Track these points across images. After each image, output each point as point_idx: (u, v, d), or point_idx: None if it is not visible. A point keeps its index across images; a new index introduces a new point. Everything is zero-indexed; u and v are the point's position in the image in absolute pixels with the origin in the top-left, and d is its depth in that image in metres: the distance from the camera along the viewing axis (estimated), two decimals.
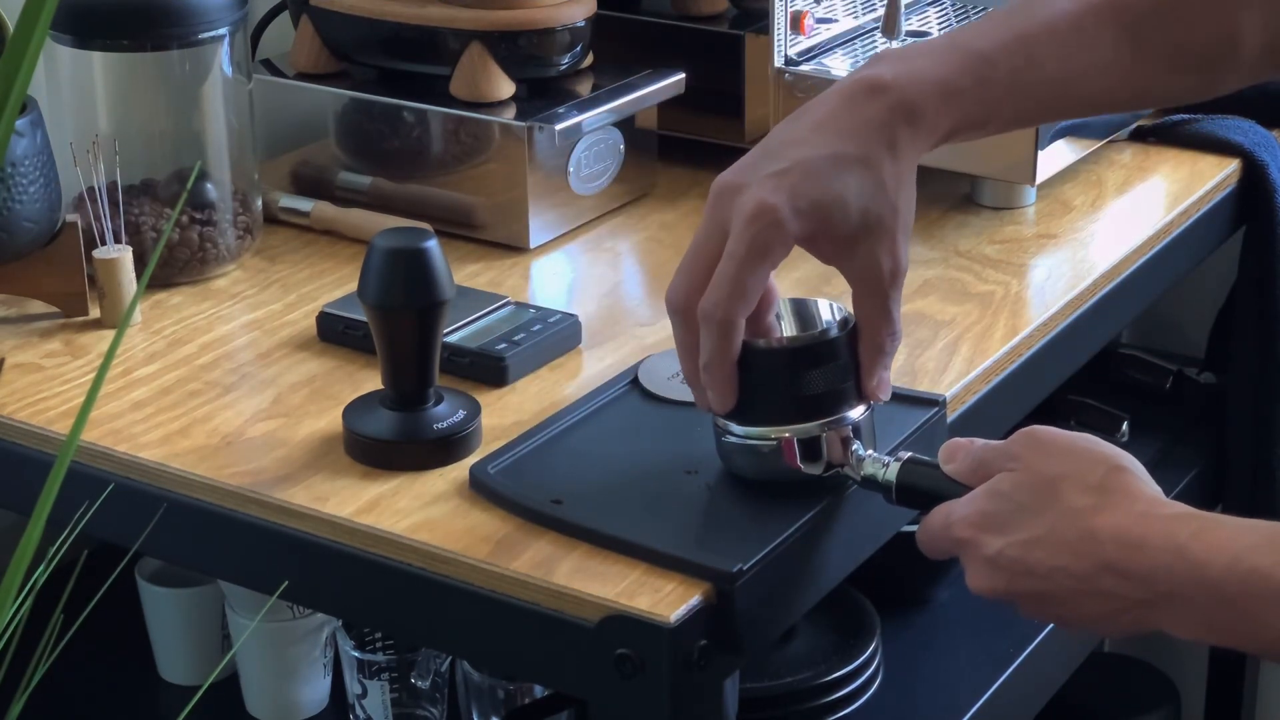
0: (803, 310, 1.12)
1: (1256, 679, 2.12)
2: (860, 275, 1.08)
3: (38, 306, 1.37)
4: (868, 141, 1.07)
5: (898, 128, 1.08)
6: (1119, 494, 1.01)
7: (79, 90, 1.41)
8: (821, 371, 1.08)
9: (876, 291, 1.08)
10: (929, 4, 1.72)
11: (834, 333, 1.08)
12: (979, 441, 1.07)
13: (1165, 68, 1.18)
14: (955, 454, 1.07)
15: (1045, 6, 1.14)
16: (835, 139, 1.07)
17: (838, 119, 1.08)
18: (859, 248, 1.07)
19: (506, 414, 1.22)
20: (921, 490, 1.08)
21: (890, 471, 1.08)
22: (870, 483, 1.09)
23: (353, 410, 1.18)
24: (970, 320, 1.35)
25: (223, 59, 1.41)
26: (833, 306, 1.11)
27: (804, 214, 1.05)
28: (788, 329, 1.12)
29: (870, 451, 1.09)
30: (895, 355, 1.10)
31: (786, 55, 1.57)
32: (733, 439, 1.09)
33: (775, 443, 1.08)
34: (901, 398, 1.21)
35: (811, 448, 1.08)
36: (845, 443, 1.08)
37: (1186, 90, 1.24)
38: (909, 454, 1.09)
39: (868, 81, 1.09)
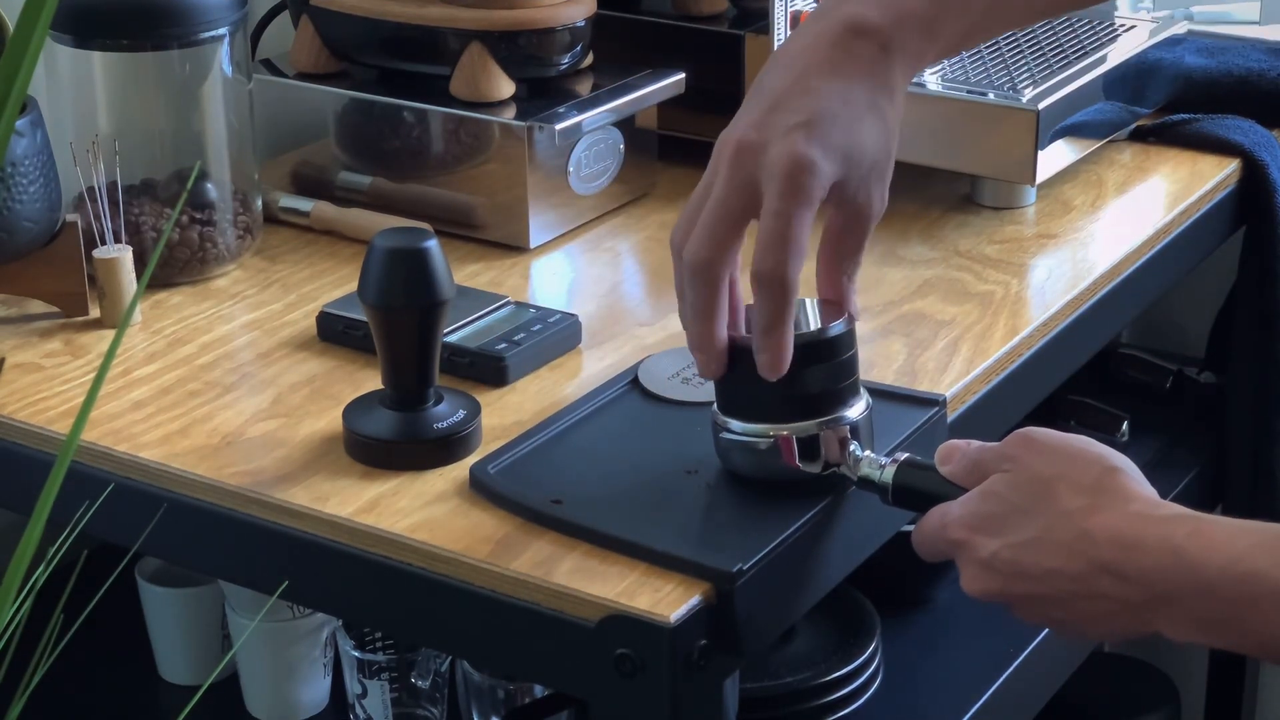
0: (802, 309, 1.12)
1: (1257, 679, 2.12)
2: (850, 214, 1.09)
3: (38, 306, 1.37)
4: (870, 87, 1.07)
5: (892, 70, 1.08)
6: (1114, 495, 1.00)
7: (79, 90, 1.41)
8: (821, 370, 1.08)
9: (858, 231, 1.09)
10: None
11: (834, 331, 1.08)
12: (975, 443, 1.07)
13: None
14: (951, 456, 1.07)
15: None
16: (841, 87, 1.06)
17: (835, 65, 1.07)
18: (861, 189, 1.08)
19: (506, 414, 1.22)
20: (918, 491, 1.08)
21: (887, 473, 1.08)
22: (867, 483, 1.09)
23: (353, 410, 1.18)
24: (970, 320, 1.35)
25: (223, 59, 1.41)
26: (831, 306, 1.11)
27: (835, 164, 1.05)
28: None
29: (868, 452, 1.09)
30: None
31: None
32: (731, 436, 1.09)
33: (773, 440, 1.08)
34: (901, 397, 1.22)
35: (809, 446, 1.08)
36: (843, 443, 1.08)
37: None
38: (906, 455, 1.09)
39: (854, 24, 1.08)
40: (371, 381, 1.24)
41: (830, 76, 1.07)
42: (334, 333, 1.31)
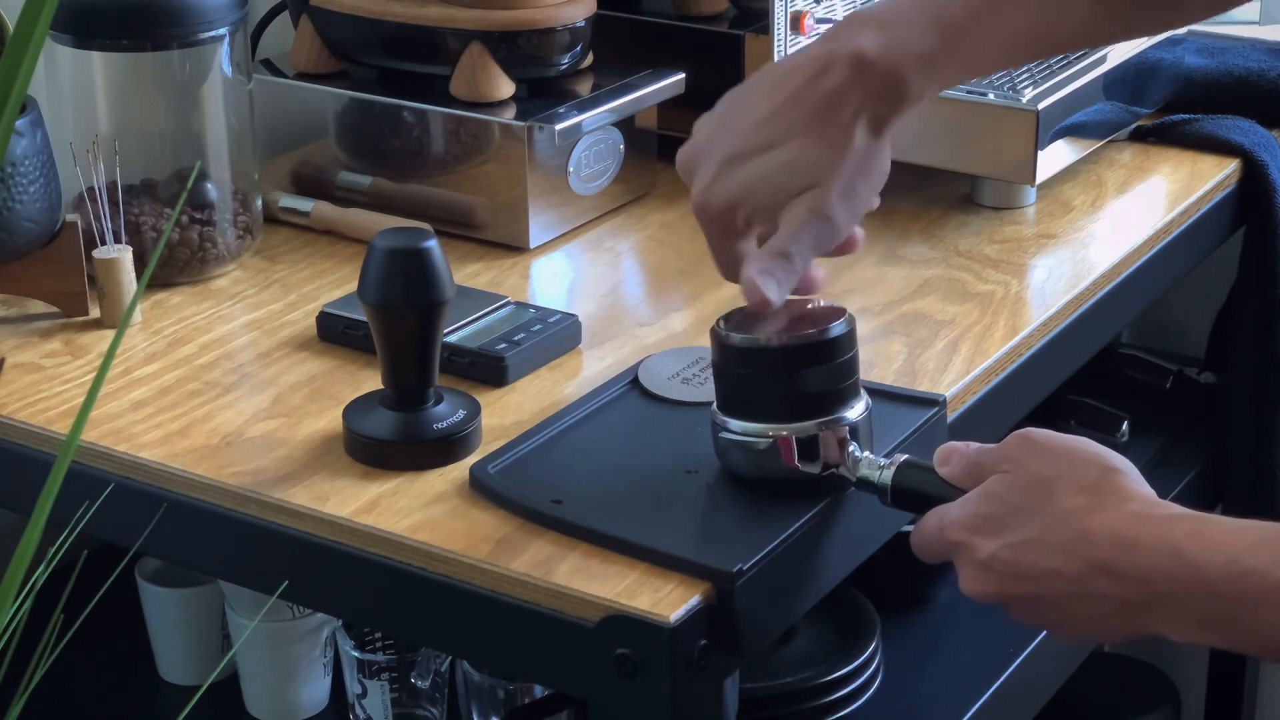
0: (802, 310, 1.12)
1: (1256, 679, 2.12)
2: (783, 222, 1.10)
3: (38, 306, 1.37)
4: (838, 119, 1.08)
5: (877, 104, 1.08)
6: (1112, 495, 1.00)
7: (79, 90, 1.41)
8: (820, 370, 1.08)
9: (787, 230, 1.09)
10: None
11: (834, 332, 1.08)
12: (974, 445, 1.07)
13: (1134, 6, 1.19)
14: (950, 457, 1.07)
15: None
16: (802, 121, 1.08)
17: (811, 94, 1.08)
18: (797, 214, 1.09)
19: (506, 414, 1.22)
20: (916, 493, 1.08)
21: (886, 474, 1.08)
22: (865, 484, 1.09)
23: (353, 410, 1.18)
24: (970, 320, 1.35)
25: (223, 59, 1.41)
26: (831, 307, 1.11)
27: (744, 201, 1.09)
28: (788, 328, 1.11)
29: (867, 453, 1.09)
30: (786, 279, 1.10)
31: (786, 55, 1.56)
32: (730, 435, 1.09)
33: (772, 440, 1.08)
34: (901, 398, 1.22)
35: (808, 447, 1.08)
36: (842, 443, 1.08)
37: (1156, 25, 1.26)
38: (905, 456, 1.09)
39: (850, 54, 1.08)
40: (371, 381, 1.24)
41: (797, 107, 1.08)
42: (334, 333, 1.31)
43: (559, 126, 1.45)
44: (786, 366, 1.07)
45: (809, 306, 1.12)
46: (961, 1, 1.12)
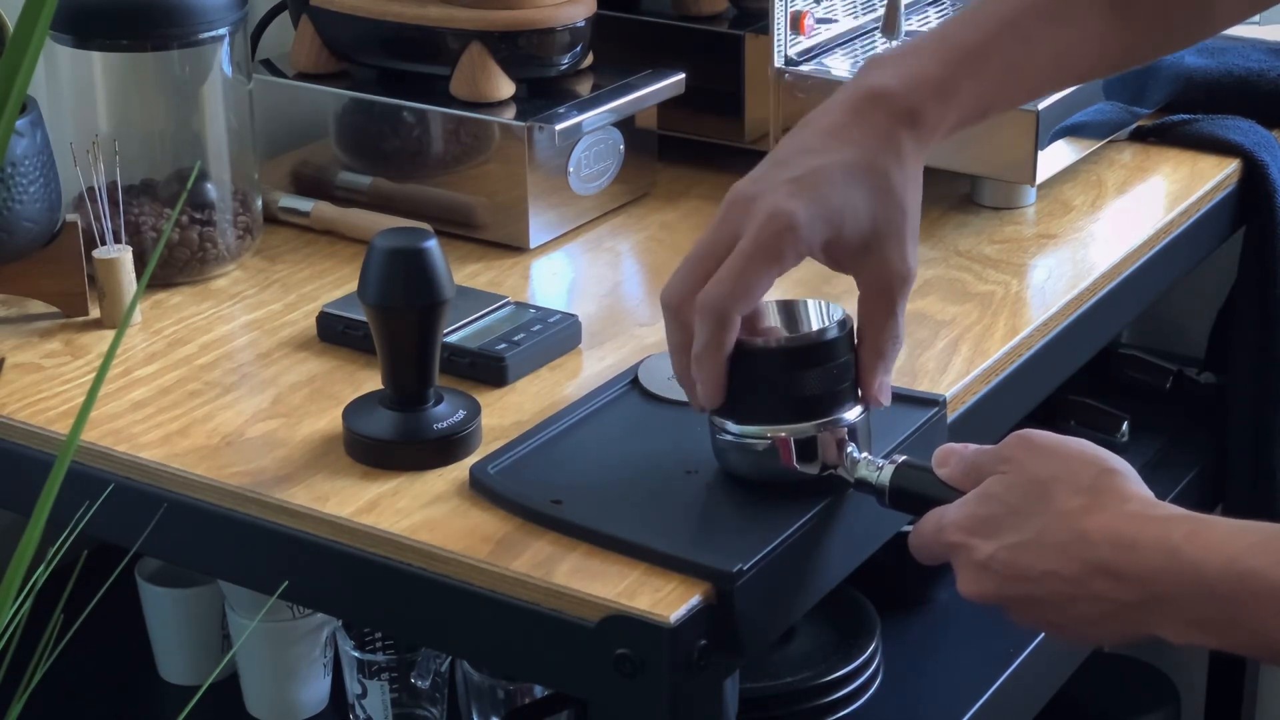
0: (801, 311, 1.12)
1: (1256, 679, 2.12)
2: (869, 280, 1.10)
3: (38, 306, 1.37)
4: (876, 149, 1.09)
5: (902, 133, 1.10)
6: (1110, 495, 1.00)
7: (79, 90, 1.41)
8: (819, 372, 1.08)
9: (884, 296, 1.09)
10: (929, 3, 1.72)
11: (832, 333, 1.08)
12: (972, 446, 1.07)
13: (1153, 24, 1.20)
14: (948, 458, 1.07)
15: None
16: (845, 147, 1.09)
17: (846, 128, 1.09)
18: (870, 253, 1.09)
19: (506, 414, 1.22)
20: (915, 494, 1.08)
21: (884, 475, 1.08)
22: (864, 485, 1.09)
23: (353, 410, 1.18)
24: (970, 320, 1.35)
25: (223, 59, 1.42)
26: (831, 307, 1.11)
27: (819, 220, 1.06)
28: (786, 329, 1.12)
29: (865, 454, 1.09)
30: (896, 359, 1.11)
31: (786, 55, 1.57)
32: (728, 437, 1.09)
33: (770, 442, 1.08)
34: (901, 398, 1.21)
35: (807, 448, 1.08)
36: (840, 444, 1.08)
37: (1176, 42, 1.27)
38: (903, 458, 1.09)
39: (870, 89, 1.10)
40: (371, 381, 1.24)
41: (836, 139, 1.09)
42: (334, 333, 1.31)
43: (559, 126, 1.45)
44: (785, 367, 1.07)
45: (808, 307, 1.12)
46: (974, 28, 1.14)
